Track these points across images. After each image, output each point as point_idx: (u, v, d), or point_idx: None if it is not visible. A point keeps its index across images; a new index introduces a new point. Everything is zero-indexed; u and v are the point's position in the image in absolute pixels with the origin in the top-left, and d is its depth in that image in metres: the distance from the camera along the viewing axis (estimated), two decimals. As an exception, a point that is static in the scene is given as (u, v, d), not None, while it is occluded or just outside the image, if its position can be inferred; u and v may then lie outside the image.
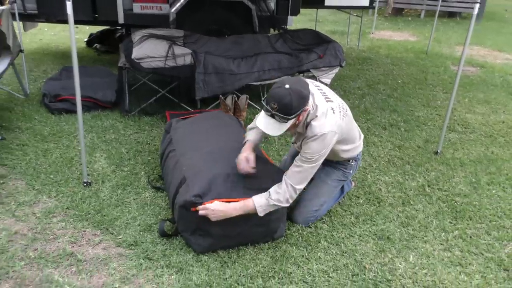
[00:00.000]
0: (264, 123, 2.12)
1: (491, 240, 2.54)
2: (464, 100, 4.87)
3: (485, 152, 3.64)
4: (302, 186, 2.24)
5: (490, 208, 2.84)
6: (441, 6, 8.88)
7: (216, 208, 2.13)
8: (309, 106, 2.16)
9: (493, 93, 5.17)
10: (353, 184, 3.00)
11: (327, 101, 2.27)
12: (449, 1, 10.21)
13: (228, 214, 2.16)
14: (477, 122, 4.25)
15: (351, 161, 2.64)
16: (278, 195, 2.18)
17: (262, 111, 2.16)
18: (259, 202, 2.17)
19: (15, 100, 4.15)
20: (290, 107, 2.03)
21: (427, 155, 3.53)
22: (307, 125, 2.22)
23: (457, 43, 8.00)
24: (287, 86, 2.04)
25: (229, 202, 2.18)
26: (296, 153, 2.77)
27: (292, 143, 2.66)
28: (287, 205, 2.24)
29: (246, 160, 2.29)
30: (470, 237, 2.55)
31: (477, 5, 3.13)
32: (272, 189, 2.20)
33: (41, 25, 6.72)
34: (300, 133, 2.33)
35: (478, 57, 6.95)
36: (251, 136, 2.43)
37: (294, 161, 2.25)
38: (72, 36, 2.58)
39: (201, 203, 2.16)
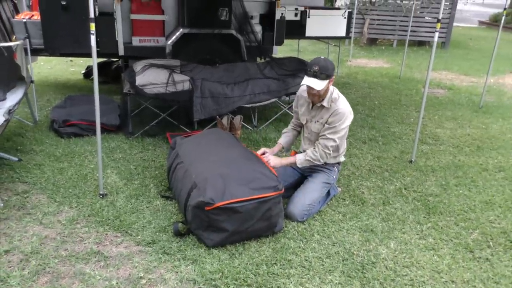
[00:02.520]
0: (309, 81, 2.82)
1: (459, 229, 2.96)
2: (434, 117, 5.40)
3: (453, 160, 4.12)
4: (332, 147, 2.99)
5: (458, 205, 3.28)
6: (411, 35, 9.62)
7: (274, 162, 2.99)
8: (330, 89, 2.95)
9: (460, 111, 5.73)
10: (339, 189, 3.41)
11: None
12: (418, 32, 11.03)
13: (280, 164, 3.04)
14: (445, 136, 4.76)
15: (335, 167, 3.14)
16: (313, 154, 2.99)
17: (305, 76, 2.86)
18: (300, 158, 3.02)
19: (25, 127, 4.48)
20: (327, 68, 2.81)
21: (403, 163, 3.98)
22: (332, 101, 2.94)
23: (426, 68, 8.61)
24: (322, 57, 2.90)
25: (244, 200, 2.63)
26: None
27: (305, 125, 3.21)
28: (322, 162, 3.04)
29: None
30: (441, 228, 2.97)
31: (437, 34, 3.70)
32: (309, 153, 3.01)
33: (38, 59, 7.08)
34: (325, 108, 2.98)
35: (446, 80, 7.58)
36: (282, 140, 3.30)
37: (321, 131, 3.01)
38: (94, 67, 2.98)
39: (213, 204, 2.53)
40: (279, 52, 6.47)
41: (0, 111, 3.37)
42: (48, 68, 7.47)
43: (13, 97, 3.75)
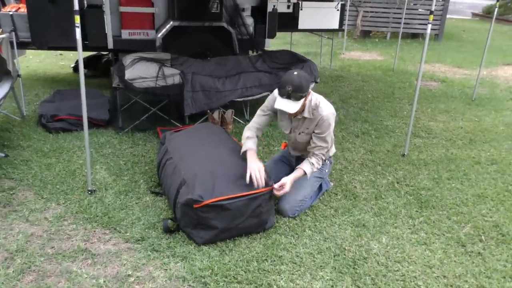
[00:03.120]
0: (281, 103, 2.66)
1: (451, 223, 2.94)
2: (427, 110, 5.38)
3: (446, 153, 4.10)
4: (326, 153, 2.95)
5: (450, 198, 3.26)
6: (404, 28, 9.57)
7: (290, 186, 2.77)
8: (308, 98, 2.79)
9: (453, 103, 5.71)
10: (332, 184, 3.38)
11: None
12: (411, 24, 10.98)
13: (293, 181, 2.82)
14: (438, 129, 4.74)
15: (327, 160, 3.08)
16: (317, 164, 2.90)
17: (278, 96, 2.68)
18: (308, 170, 2.86)
19: (13, 121, 4.39)
20: (301, 87, 2.62)
21: (395, 157, 3.95)
22: (313, 109, 2.80)
23: (420, 60, 8.62)
24: (295, 72, 2.67)
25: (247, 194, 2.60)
26: (279, 160, 3.25)
27: (288, 135, 3.07)
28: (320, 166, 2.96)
29: (259, 172, 2.66)
30: (434, 222, 2.95)
31: (429, 25, 3.65)
32: (313, 161, 2.88)
33: (27, 53, 6.97)
34: (307, 119, 2.85)
35: (439, 73, 7.56)
36: (252, 145, 2.87)
37: (312, 142, 2.90)
38: (80, 60, 2.90)
39: (201, 202, 2.48)
40: (271, 45, 6.41)
41: (-15, 106, 3.29)
42: (37, 61, 7.36)
43: (-1, 91, 3.66)
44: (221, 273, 2.36)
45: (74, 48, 5.56)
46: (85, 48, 5.44)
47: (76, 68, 6.80)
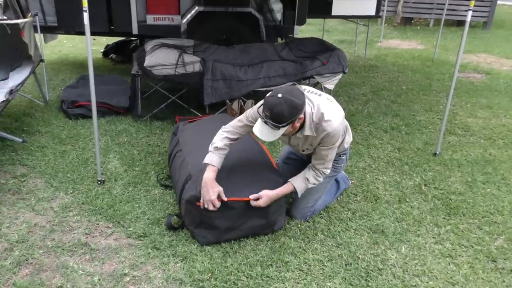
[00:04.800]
0: (259, 129, 2.19)
1: (482, 234, 2.65)
2: (467, 105, 4.97)
3: (483, 153, 3.74)
4: (331, 162, 2.48)
5: (484, 205, 2.95)
6: (450, 15, 8.99)
7: (266, 201, 2.39)
8: (308, 112, 2.25)
9: (497, 98, 5.26)
10: (351, 182, 3.14)
11: (319, 95, 2.39)
12: (457, 10, 10.30)
13: (273, 200, 2.42)
14: (477, 126, 4.35)
15: (341, 155, 2.69)
16: (315, 179, 2.46)
17: (258, 119, 2.23)
18: (300, 187, 2.46)
19: (36, 106, 4.42)
20: (282, 116, 2.10)
21: (425, 156, 3.65)
22: (317, 124, 2.27)
23: (464, 50, 8.08)
24: (279, 95, 2.11)
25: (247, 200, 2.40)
26: (288, 156, 2.94)
27: (288, 144, 2.63)
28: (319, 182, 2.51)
29: (215, 191, 2.32)
30: (462, 231, 2.67)
31: (470, 12, 3.28)
32: (309, 176, 2.45)
33: (61, 37, 7.05)
34: (309, 136, 2.34)
35: (484, 64, 7.02)
36: (216, 160, 2.39)
37: (314, 154, 2.44)
38: (88, 45, 2.80)
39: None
40: (303, 32, 6.14)
41: (2, 91, 3.27)
42: (69, 46, 7.45)
43: (17, 76, 3.66)
44: (221, 277, 2.21)
45: (103, 33, 5.60)
46: (110, 34, 5.44)
47: (106, 53, 6.81)
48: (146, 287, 2.15)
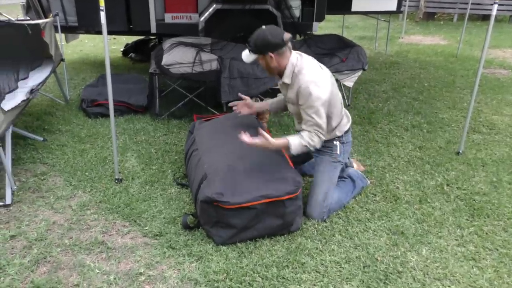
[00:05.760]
0: (245, 51, 2.54)
1: (507, 236, 2.55)
2: (492, 102, 4.81)
3: (509, 152, 3.61)
4: (322, 124, 2.47)
5: (509, 207, 2.84)
6: (475, 9, 8.73)
7: (264, 142, 2.43)
8: (292, 62, 2.50)
9: (524, 95, 5.08)
10: (369, 181, 3.07)
11: (315, 62, 2.60)
12: (482, 4, 10.00)
13: (267, 147, 2.46)
14: (503, 124, 4.20)
15: (334, 141, 2.69)
16: (309, 138, 2.47)
17: None
18: (294, 143, 2.46)
19: (57, 105, 4.48)
20: (254, 43, 2.46)
21: (448, 155, 3.54)
22: (295, 75, 2.49)
23: (489, 46, 7.84)
24: (263, 27, 2.47)
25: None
26: None
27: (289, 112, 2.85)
28: (318, 146, 2.52)
29: (248, 106, 2.83)
30: (486, 233, 2.57)
31: (495, 6, 3.15)
32: (303, 134, 2.48)
33: (82, 37, 7.16)
34: (288, 85, 2.57)
35: (511, 59, 6.79)
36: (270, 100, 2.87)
37: (303, 121, 2.52)
38: (105, 44, 2.81)
39: (222, 201, 2.31)
40: (322, 29, 6.07)
41: (22, 90, 3.32)
42: (90, 45, 7.55)
43: (37, 76, 3.71)
44: (236, 278, 2.19)
45: (122, 32, 5.64)
46: (129, 33, 5.48)
47: (125, 52, 6.88)
48: (161, 286, 2.15)
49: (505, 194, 2.99)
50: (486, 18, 10.49)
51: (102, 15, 2.69)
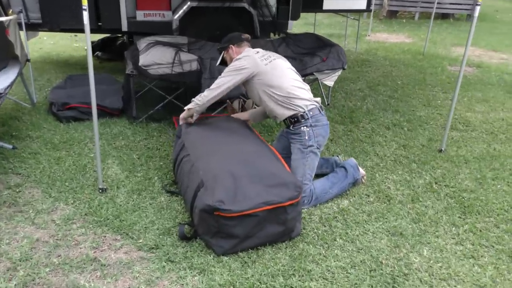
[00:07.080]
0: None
1: (500, 232, 2.62)
2: (463, 100, 4.97)
3: (488, 149, 3.73)
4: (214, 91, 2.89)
5: (497, 203, 2.93)
6: (435, 8, 8.98)
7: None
8: (243, 50, 2.96)
9: (491, 91, 5.28)
10: (363, 172, 3.07)
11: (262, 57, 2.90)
12: (442, 3, 10.37)
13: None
14: (477, 120, 4.35)
15: (302, 127, 2.79)
16: (197, 99, 2.92)
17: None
18: (187, 107, 2.98)
19: (22, 109, 4.18)
20: (221, 43, 3.06)
21: (431, 153, 3.61)
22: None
23: (452, 44, 8.13)
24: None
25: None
26: (280, 136, 3.13)
27: None
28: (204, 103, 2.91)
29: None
30: (480, 230, 2.63)
31: (478, 8, 3.21)
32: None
33: (40, 34, 6.75)
34: None
35: (473, 57, 7.07)
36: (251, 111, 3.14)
37: None
38: (88, 44, 2.64)
39: (223, 209, 2.21)
40: (293, 26, 6.03)
41: (-10, 96, 3.06)
42: (51, 43, 7.14)
43: (3, 79, 3.43)
44: (243, 290, 2.11)
45: (90, 30, 5.34)
46: (98, 30, 5.20)
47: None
48: (165, 304, 2.03)
49: (491, 191, 3.08)
50: (445, 16, 10.90)
51: (85, 14, 2.51)
